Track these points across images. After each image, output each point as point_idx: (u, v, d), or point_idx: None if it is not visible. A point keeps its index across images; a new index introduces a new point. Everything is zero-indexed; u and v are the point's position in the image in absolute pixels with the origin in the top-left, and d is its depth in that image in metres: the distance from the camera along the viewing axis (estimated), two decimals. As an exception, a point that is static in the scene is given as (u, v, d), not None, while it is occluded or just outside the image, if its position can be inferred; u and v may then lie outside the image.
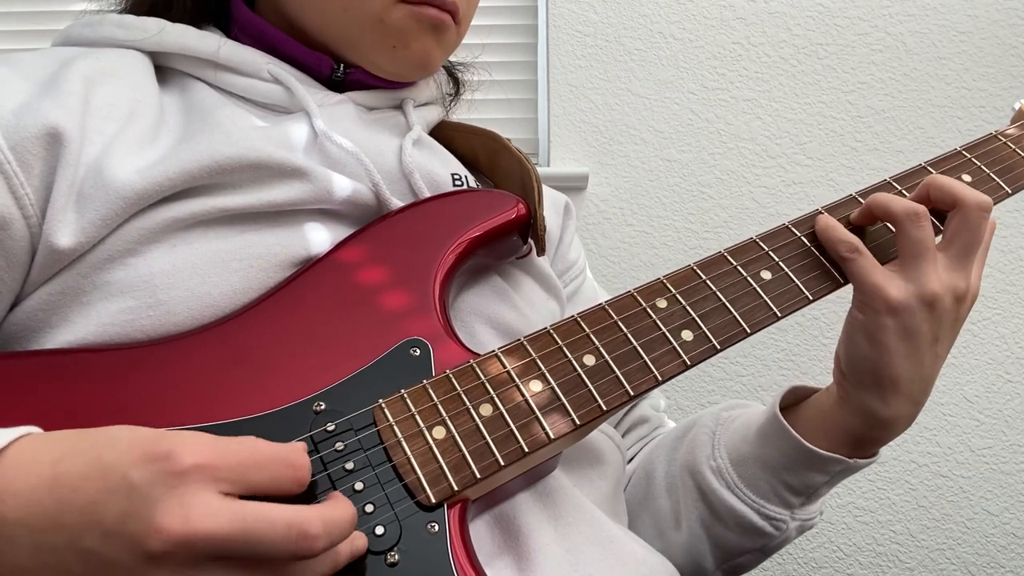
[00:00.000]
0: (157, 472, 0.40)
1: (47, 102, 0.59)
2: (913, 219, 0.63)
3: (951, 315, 0.63)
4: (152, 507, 0.39)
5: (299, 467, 0.44)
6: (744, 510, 0.71)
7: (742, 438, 0.73)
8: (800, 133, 1.60)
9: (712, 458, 0.74)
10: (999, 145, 0.74)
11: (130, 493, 0.39)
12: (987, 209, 0.64)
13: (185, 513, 0.39)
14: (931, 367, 0.64)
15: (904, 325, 0.62)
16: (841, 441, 0.68)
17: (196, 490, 0.40)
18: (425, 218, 0.66)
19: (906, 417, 0.66)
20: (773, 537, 0.72)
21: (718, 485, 0.72)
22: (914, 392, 0.64)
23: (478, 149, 0.81)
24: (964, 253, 0.63)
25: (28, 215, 0.56)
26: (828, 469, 0.68)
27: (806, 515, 0.73)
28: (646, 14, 1.61)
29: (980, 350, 1.58)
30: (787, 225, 0.68)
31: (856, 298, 0.65)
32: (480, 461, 0.53)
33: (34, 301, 0.57)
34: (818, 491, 0.71)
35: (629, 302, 0.63)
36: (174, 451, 0.41)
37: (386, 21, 0.70)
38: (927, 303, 0.62)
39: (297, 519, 0.41)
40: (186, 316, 0.56)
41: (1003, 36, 1.60)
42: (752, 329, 0.63)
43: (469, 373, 0.57)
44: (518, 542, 0.57)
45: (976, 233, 0.63)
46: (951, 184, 0.65)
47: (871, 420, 0.66)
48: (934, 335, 0.63)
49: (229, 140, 0.61)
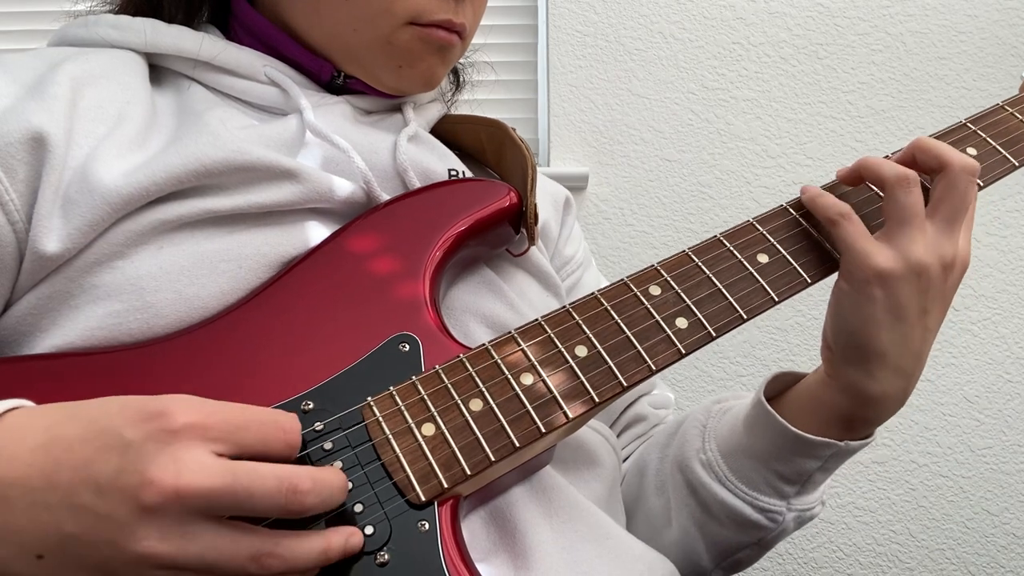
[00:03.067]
0: (151, 430, 0.41)
1: (32, 105, 0.58)
2: (903, 183, 0.61)
3: (939, 285, 0.61)
4: (146, 462, 0.40)
5: (289, 430, 0.46)
6: (736, 503, 0.69)
7: (731, 429, 0.71)
8: (800, 133, 1.60)
9: (702, 451, 0.72)
10: (1005, 116, 0.71)
11: (124, 450, 0.41)
12: (973, 172, 0.62)
13: (178, 468, 0.40)
14: (921, 340, 0.62)
15: (891, 295, 0.60)
16: (830, 423, 0.66)
17: (188, 447, 0.41)
18: (413, 210, 0.66)
19: (896, 394, 0.63)
20: (770, 530, 0.70)
21: (708, 479, 0.71)
22: (904, 366, 0.62)
23: (484, 139, 0.80)
24: (951, 218, 0.61)
25: (14, 220, 0.56)
26: (819, 454, 0.66)
27: (803, 505, 0.70)
28: (646, 14, 1.61)
29: (980, 350, 1.57)
30: (784, 206, 0.66)
31: (843, 266, 0.63)
32: (470, 457, 0.52)
33: (23, 306, 0.57)
34: (812, 478, 0.68)
35: (621, 290, 0.61)
36: (167, 410, 0.42)
37: (394, 43, 0.70)
38: (915, 272, 0.60)
39: (287, 474, 0.43)
40: (174, 318, 0.56)
41: (1003, 36, 1.59)
42: (749, 315, 0.61)
43: (459, 367, 0.56)
44: (514, 539, 0.56)
45: (964, 197, 0.61)
46: (936, 146, 0.63)
47: (859, 397, 0.64)
48: (922, 306, 0.61)
49: (217, 142, 0.61)
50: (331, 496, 0.45)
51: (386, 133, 0.73)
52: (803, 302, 1.57)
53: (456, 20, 0.70)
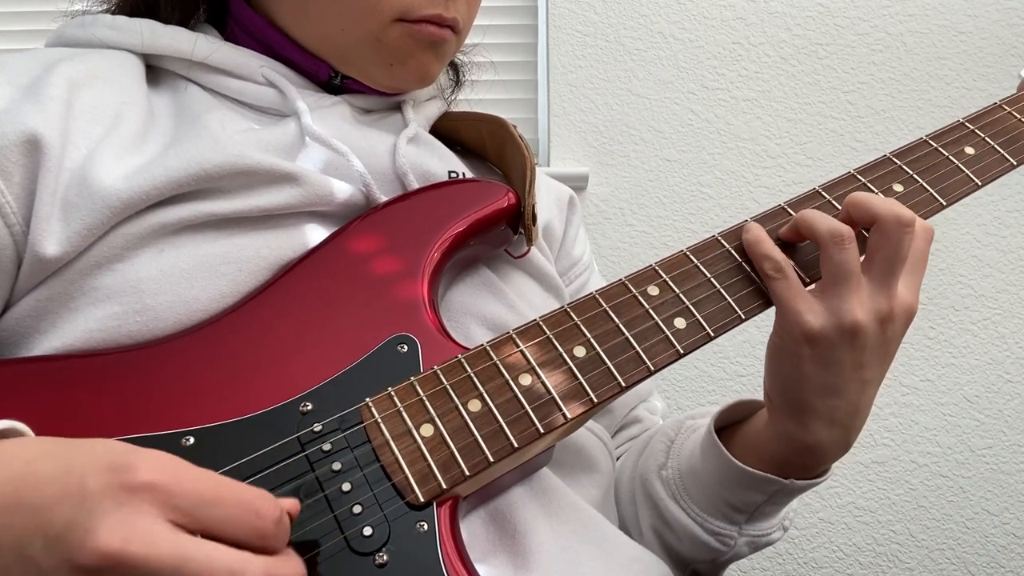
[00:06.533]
0: (111, 483, 0.39)
1: (27, 107, 0.58)
2: (837, 241, 0.58)
3: (877, 340, 0.59)
4: (95, 519, 0.38)
5: (262, 515, 0.41)
6: (689, 523, 0.69)
7: (691, 451, 0.71)
8: (800, 133, 1.60)
9: (664, 467, 0.72)
10: (1004, 115, 0.70)
11: (81, 500, 0.38)
12: (907, 223, 0.59)
13: (125, 533, 0.37)
14: (858, 393, 0.60)
15: (821, 355, 0.58)
16: (772, 462, 0.65)
17: (144, 512, 0.38)
18: (411, 211, 0.65)
19: (833, 443, 0.62)
20: (721, 552, 0.69)
21: (665, 496, 0.71)
22: (838, 418, 0.61)
23: (485, 137, 0.79)
24: (887, 271, 0.59)
25: (11, 223, 0.56)
26: (763, 489, 0.65)
27: (757, 531, 0.69)
28: (646, 14, 1.61)
29: (980, 350, 1.57)
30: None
31: (776, 321, 0.61)
32: (469, 459, 0.52)
33: (22, 308, 0.57)
34: (760, 509, 0.68)
35: (620, 290, 0.61)
36: (134, 465, 0.39)
37: (383, 40, 0.69)
38: (848, 333, 0.58)
39: (240, 568, 0.39)
40: (173, 321, 0.56)
41: (1003, 36, 1.59)
42: (747, 315, 0.61)
43: (457, 368, 0.56)
44: (514, 540, 0.56)
45: (896, 248, 0.58)
46: (867, 200, 0.60)
47: (794, 445, 0.63)
48: (857, 362, 0.59)
49: (217, 146, 0.61)
50: None
51: (386, 134, 0.73)
52: (803, 302, 1.57)
53: (447, 15, 0.70)
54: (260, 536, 0.41)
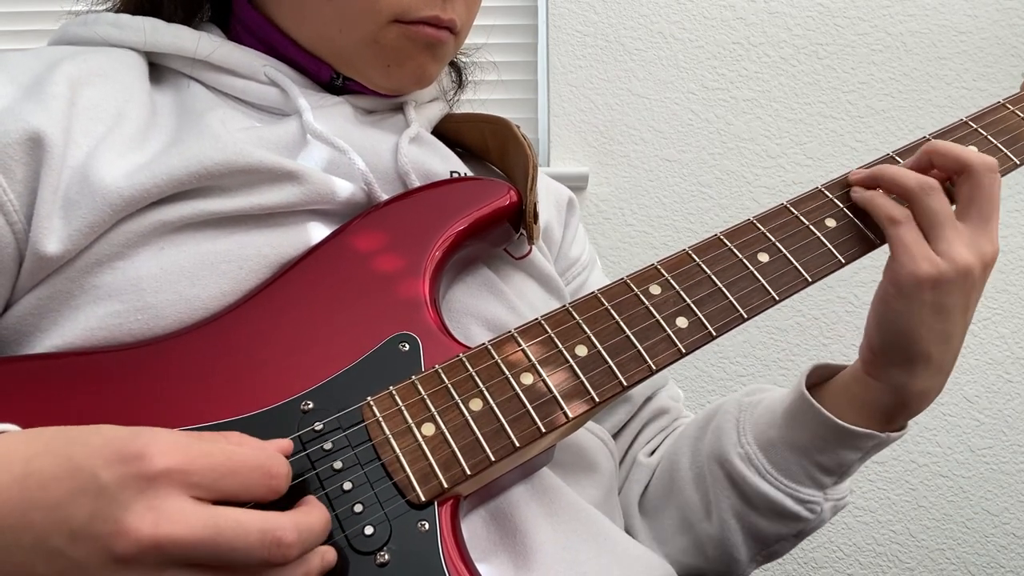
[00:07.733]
0: (128, 474, 0.39)
1: (29, 106, 0.58)
2: (927, 190, 0.61)
3: (981, 282, 0.62)
4: (121, 509, 0.39)
5: (275, 475, 0.44)
6: (778, 496, 0.69)
7: (768, 423, 0.71)
8: (800, 133, 1.60)
9: (739, 445, 0.72)
10: (1006, 114, 0.72)
11: (98, 494, 0.39)
12: (995, 170, 0.62)
13: (156, 516, 0.39)
14: (960, 337, 0.64)
15: (939, 301, 0.60)
16: (872, 416, 0.66)
17: (167, 494, 0.40)
18: (413, 209, 0.65)
19: (935, 389, 0.65)
20: (808, 521, 0.70)
21: (749, 472, 0.70)
22: (944, 364, 0.64)
23: (488, 137, 0.79)
24: (986, 217, 0.62)
25: (13, 221, 0.56)
26: (861, 445, 0.67)
27: (838, 494, 0.71)
28: (646, 14, 1.61)
29: (980, 350, 1.57)
30: (785, 204, 0.66)
31: (892, 272, 0.62)
32: (470, 458, 0.52)
33: (23, 306, 0.57)
34: (851, 468, 0.69)
35: (622, 289, 0.61)
36: (146, 453, 0.40)
37: (380, 42, 0.69)
38: (962, 274, 0.60)
39: (271, 526, 0.41)
40: (174, 319, 0.56)
41: (1003, 36, 1.60)
42: (749, 314, 0.61)
43: (458, 367, 0.56)
44: (515, 539, 0.56)
45: (990, 193, 0.62)
46: (953, 148, 0.64)
47: (901, 395, 0.65)
48: (964, 306, 0.62)
49: (218, 145, 0.60)
50: (315, 542, 0.44)
51: (388, 134, 0.73)
52: (803, 302, 1.57)
53: (444, 16, 0.69)
54: (275, 493, 0.44)
